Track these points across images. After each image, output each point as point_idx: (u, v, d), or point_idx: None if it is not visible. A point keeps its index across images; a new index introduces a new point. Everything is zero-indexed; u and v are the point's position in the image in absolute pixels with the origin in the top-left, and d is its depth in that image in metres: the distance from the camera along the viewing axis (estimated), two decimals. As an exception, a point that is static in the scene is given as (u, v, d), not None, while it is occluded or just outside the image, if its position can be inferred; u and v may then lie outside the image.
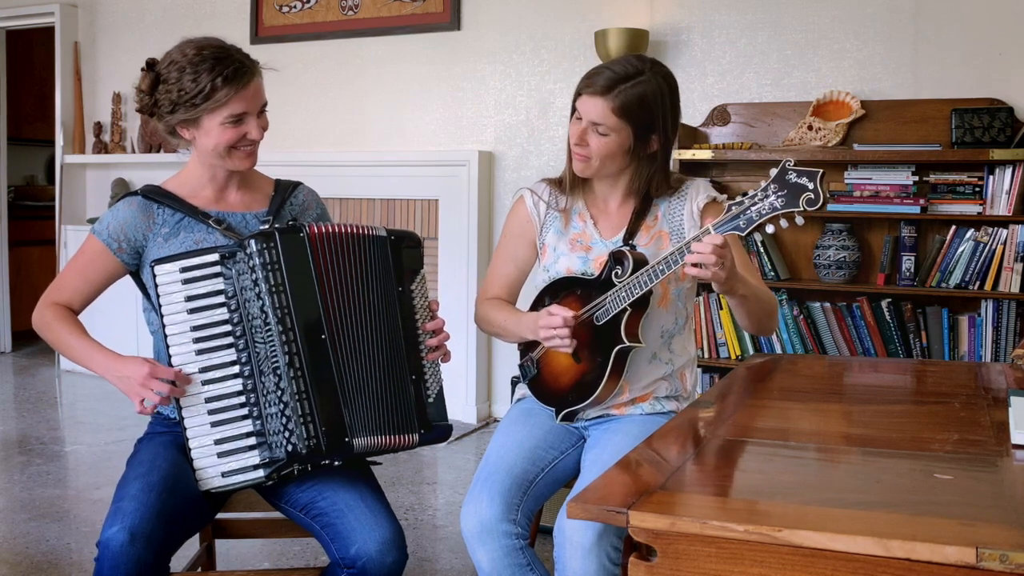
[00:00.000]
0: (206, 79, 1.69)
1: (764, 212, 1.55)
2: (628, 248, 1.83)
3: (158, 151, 5.38)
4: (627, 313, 1.77)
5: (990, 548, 0.98)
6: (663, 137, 1.85)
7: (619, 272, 1.78)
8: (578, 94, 1.85)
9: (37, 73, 6.87)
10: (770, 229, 1.57)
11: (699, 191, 1.91)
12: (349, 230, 1.72)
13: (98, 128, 5.56)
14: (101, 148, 5.56)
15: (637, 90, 1.78)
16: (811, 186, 1.51)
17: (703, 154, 3.75)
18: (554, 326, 1.79)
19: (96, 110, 5.66)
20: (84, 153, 5.63)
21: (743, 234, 1.58)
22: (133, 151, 5.52)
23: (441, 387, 1.79)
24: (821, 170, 1.52)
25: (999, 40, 3.57)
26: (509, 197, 4.43)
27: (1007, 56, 3.56)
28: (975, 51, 3.61)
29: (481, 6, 4.49)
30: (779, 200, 1.53)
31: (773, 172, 1.55)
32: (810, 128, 3.69)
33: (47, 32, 5.81)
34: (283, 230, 1.68)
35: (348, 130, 4.87)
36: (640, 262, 1.76)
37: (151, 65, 1.77)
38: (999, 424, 1.53)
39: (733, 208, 1.58)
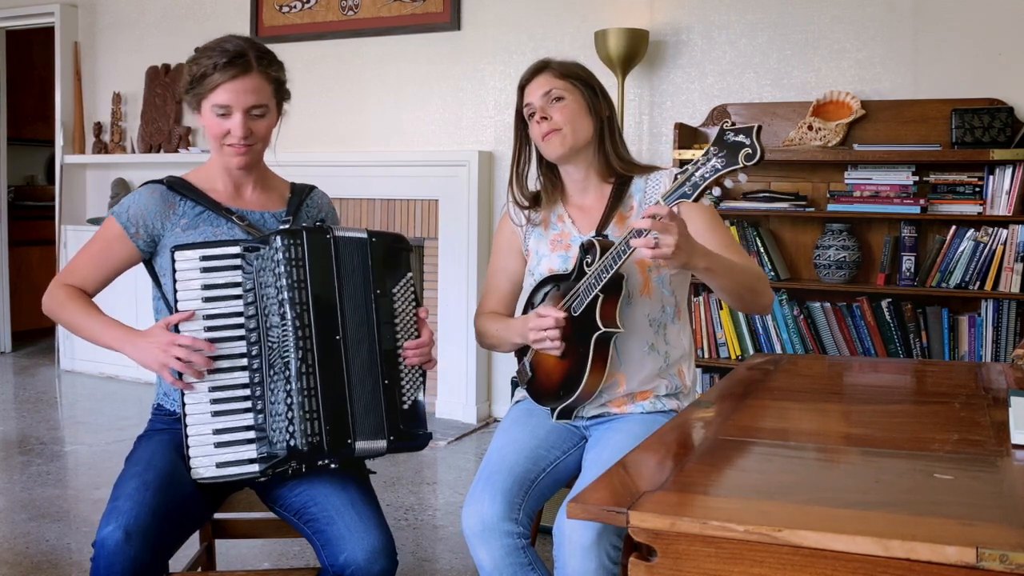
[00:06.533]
0: (207, 63, 1.75)
1: (707, 175, 1.58)
2: (597, 238, 1.85)
3: (158, 151, 5.38)
4: (600, 299, 1.78)
5: (990, 548, 0.98)
6: (606, 102, 1.97)
7: (589, 261, 1.80)
8: (521, 92, 1.97)
9: (37, 73, 6.87)
10: (716, 191, 1.61)
11: (670, 177, 1.92)
12: (352, 234, 1.74)
13: (98, 128, 5.56)
14: (101, 148, 5.56)
15: (563, 60, 1.98)
16: (748, 142, 1.54)
17: (703, 154, 3.74)
18: (544, 327, 1.80)
19: (96, 110, 5.66)
20: (84, 153, 5.63)
21: (691, 199, 1.60)
22: (133, 151, 5.52)
23: (420, 394, 1.78)
24: (757, 124, 1.55)
25: (999, 40, 3.57)
26: (509, 197, 4.43)
27: (1007, 56, 3.56)
28: (975, 51, 3.61)
29: (481, 6, 4.49)
30: (720, 161, 1.57)
31: (712, 135, 1.59)
32: (810, 128, 3.69)
33: (47, 32, 5.81)
34: (311, 229, 1.71)
35: (348, 130, 4.87)
36: (607, 249, 1.77)
37: None
38: (999, 424, 1.53)
39: (679, 177, 1.62)
